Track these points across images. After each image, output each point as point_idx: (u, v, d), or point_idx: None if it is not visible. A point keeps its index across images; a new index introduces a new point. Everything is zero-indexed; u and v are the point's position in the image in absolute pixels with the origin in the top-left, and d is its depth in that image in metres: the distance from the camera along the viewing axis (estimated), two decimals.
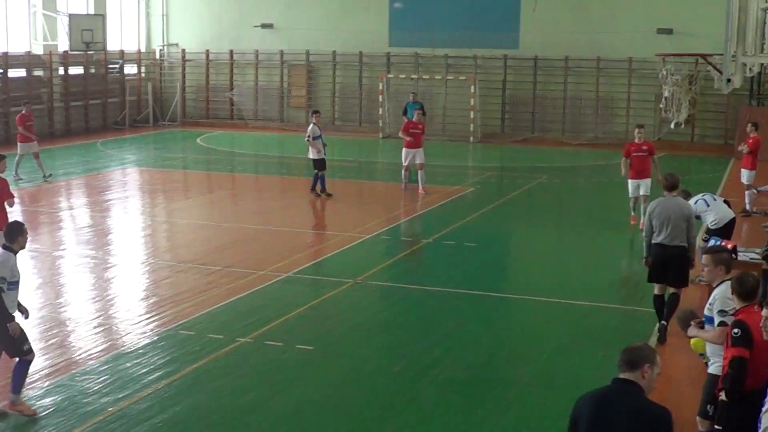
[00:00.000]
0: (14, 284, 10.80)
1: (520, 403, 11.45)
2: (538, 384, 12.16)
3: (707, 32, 33.55)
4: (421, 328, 14.45)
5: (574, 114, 38.93)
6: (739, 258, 14.60)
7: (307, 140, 25.14)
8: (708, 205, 16.46)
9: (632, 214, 21.64)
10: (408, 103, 35.11)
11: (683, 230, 13.61)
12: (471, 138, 38.90)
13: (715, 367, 9.19)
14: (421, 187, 25.82)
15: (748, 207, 23.22)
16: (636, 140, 21.53)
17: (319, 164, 25.05)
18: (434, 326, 14.48)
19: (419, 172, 25.84)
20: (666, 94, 28.81)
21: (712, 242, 14.67)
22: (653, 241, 13.77)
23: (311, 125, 25.35)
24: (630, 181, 21.48)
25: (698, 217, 15.98)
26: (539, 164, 32.80)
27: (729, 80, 16.64)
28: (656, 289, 13.97)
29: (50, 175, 27.44)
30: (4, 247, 10.98)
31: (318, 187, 25.04)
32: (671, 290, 13.75)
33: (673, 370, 12.32)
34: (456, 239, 20.45)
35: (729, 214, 16.55)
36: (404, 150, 26.02)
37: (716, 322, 9.22)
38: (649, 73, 36.13)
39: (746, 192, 23.29)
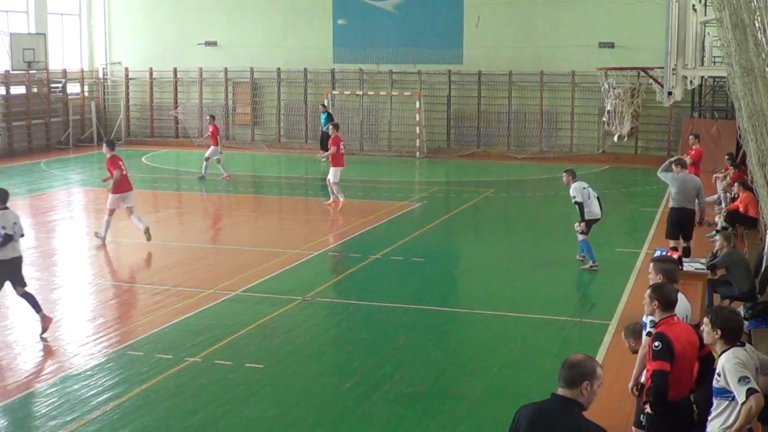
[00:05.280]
0: None
1: (472, 417, 11.47)
2: (489, 397, 12.19)
3: (648, 46, 33.98)
4: (370, 344, 14.43)
5: (519, 128, 39.26)
6: (684, 268, 14.82)
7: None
8: (588, 197, 18.44)
9: (331, 199, 26.22)
10: (321, 114, 37.88)
11: (693, 197, 17.57)
12: (417, 153, 39.06)
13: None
14: (225, 174, 31.60)
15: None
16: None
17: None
18: (384, 342, 14.48)
19: (219, 165, 31.87)
20: (608, 107, 29.00)
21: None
22: (671, 206, 17.66)
23: None
24: (341, 169, 26.12)
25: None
26: (485, 178, 33.01)
27: (670, 93, 16.80)
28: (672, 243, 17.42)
29: None
30: None
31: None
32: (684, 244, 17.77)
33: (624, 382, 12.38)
34: (404, 255, 20.49)
35: (597, 212, 18.64)
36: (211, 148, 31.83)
37: (644, 332, 9.29)
38: (591, 87, 36.42)
39: None
